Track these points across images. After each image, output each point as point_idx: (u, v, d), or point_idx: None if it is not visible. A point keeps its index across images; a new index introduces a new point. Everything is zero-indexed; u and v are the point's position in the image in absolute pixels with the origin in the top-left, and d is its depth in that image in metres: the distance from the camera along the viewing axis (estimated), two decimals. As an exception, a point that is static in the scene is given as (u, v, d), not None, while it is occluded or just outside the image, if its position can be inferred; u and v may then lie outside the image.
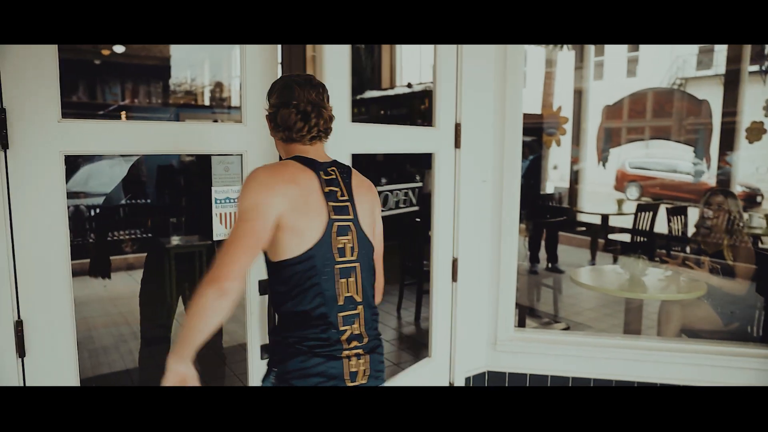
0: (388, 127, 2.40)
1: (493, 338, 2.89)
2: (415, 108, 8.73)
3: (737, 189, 7.46)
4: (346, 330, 1.46)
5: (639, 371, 2.81)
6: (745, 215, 5.86)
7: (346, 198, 1.49)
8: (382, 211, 2.32)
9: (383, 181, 5.04)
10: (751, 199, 12.07)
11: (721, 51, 13.38)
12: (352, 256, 1.47)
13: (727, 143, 6.86)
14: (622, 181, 14.39)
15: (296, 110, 1.47)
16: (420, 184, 2.61)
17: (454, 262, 2.70)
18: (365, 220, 1.53)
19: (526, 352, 2.88)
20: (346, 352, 1.45)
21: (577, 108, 7.55)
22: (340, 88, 2.06)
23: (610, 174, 14.40)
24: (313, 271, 1.41)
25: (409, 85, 9.66)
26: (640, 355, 2.82)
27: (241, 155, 2.00)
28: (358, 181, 1.58)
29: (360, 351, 1.48)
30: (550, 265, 5.48)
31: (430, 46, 2.68)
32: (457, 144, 2.62)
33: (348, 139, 2.11)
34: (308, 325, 1.43)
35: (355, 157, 2.14)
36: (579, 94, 7.68)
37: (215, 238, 2.00)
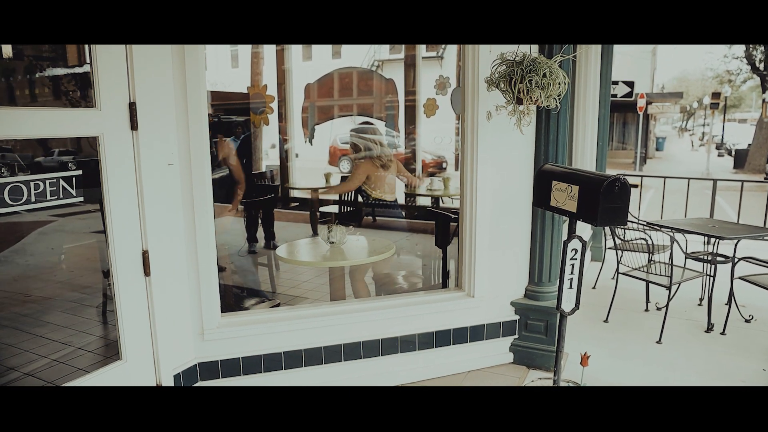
0: (5, 109, 2.03)
1: (200, 328, 2.76)
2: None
3: (427, 157, 8.61)
4: None
5: (342, 335, 3.01)
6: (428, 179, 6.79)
7: None
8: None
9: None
10: (439, 166, 14.13)
11: (406, 36, 15.04)
12: None
13: (411, 118, 7.82)
14: (335, 156, 15.40)
15: None
16: (79, 172, 2.29)
17: (145, 254, 2.47)
18: None
19: (236, 336, 2.83)
20: None
21: (284, 87, 7.70)
22: None
23: (324, 150, 15.25)
24: None
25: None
26: (342, 319, 3.01)
27: None
28: None
29: None
30: (266, 243, 5.52)
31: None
32: (134, 126, 2.36)
33: None
34: None
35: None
36: (286, 73, 7.83)
37: None
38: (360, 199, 6.20)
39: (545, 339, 3.23)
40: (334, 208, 6.20)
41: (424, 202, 7.05)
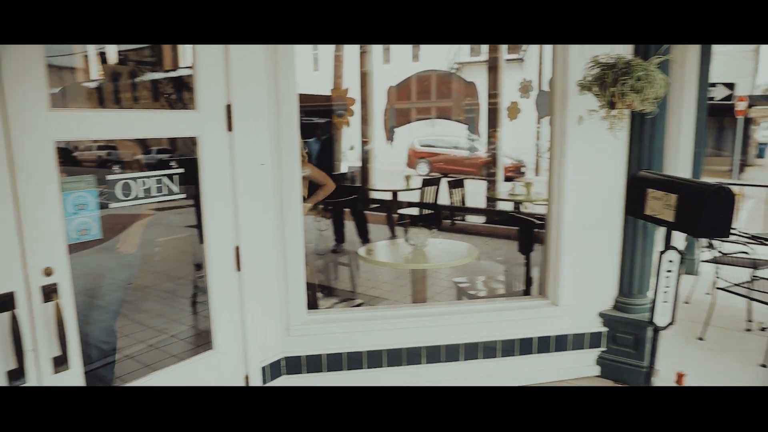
0: (118, 112, 2.18)
1: (286, 324, 2.85)
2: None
3: (506, 162, 8.48)
4: None
5: (424, 337, 3.01)
6: (510, 184, 6.66)
7: None
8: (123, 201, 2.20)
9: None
10: (517, 170, 13.85)
11: (488, 38, 14.87)
12: None
13: (493, 121, 7.72)
14: (413, 159, 15.45)
15: None
16: (181, 170, 2.42)
17: (237, 250, 2.58)
18: None
19: (320, 333, 2.90)
20: None
21: (365, 90, 7.83)
22: (33, 76, 1.81)
23: (402, 153, 15.35)
24: None
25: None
26: (425, 321, 3.02)
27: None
28: None
29: None
30: (337, 244, 5.60)
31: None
32: (229, 127, 2.48)
33: (50, 127, 1.87)
34: None
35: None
36: (367, 76, 7.96)
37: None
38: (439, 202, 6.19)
39: (634, 353, 3.09)
40: (412, 211, 6.22)
41: (505, 206, 6.95)
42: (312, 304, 3.32)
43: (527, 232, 3.82)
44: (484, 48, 16.95)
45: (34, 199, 1.84)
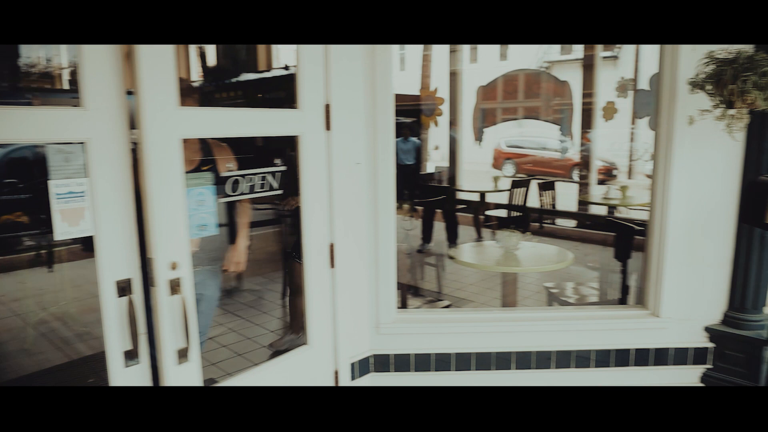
0: (231, 110, 2.26)
1: (376, 322, 2.88)
2: (293, 90, 8.50)
3: (596, 164, 8.14)
4: None
5: (515, 342, 2.94)
6: (603, 187, 6.38)
7: None
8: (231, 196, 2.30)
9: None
10: (608, 173, 13.25)
11: (580, 36, 14.37)
12: None
13: (587, 122, 7.41)
14: (499, 159, 15.16)
15: None
16: (283, 168, 2.50)
17: (331, 247, 2.63)
18: None
19: (409, 332, 2.90)
20: None
21: (453, 89, 7.76)
22: (165, 74, 1.90)
23: (487, 153, 15.11)
24: None
25: (286, 67, 9.41)
26: (516, 326, 2.95)
27: (83, 143, 1.78)
28: None
29: None
30: (424, 244, 5.59)
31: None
32: (328, 126, 2.54)
33: (177, 124, 1.96)
34: None
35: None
36: (455, 76, 7.90)
37: (58, 237, 1.78)
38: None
39: (746, 374, 2.86)
40: (500, 212, 6.10)
41: (597, 210, 6.66)
42: (400, 303, 3.34)
43: (625, 238, 3.64)
44: (577, 45, 16.36)
45: (162, 194, 1.94)
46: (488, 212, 6.23)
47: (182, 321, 2.01)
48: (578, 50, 16.59)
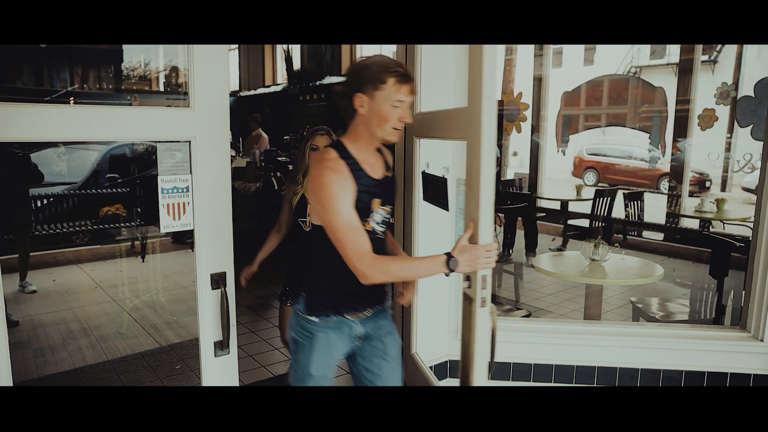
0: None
1: (455, 326, 2.86)
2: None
3: (689, 174, 7.70)
4: None
5: (598, 356, 2.84)
6: (695, 199, 6.02)
7: None
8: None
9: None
10: (700, 184, 12.48)
11: (674, 39, 13.69)
12: None
13: (681, 130, 7.02)
14: (580, 168, 14.66)
15: None
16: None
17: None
18: None
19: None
20: None
21: (537, 95, 7.59)
22: None
23: (568, 160, 14.66)
24: None
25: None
26: (599, 340, 2.84)
27: (189, 142, 1.89)
28: None
29: None
30: (505, 251, 5.49)
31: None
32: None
33: None
34: None
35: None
36: (538, 81, 7.73)
37: (163, 230, 1.89)
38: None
39: None
40: (583, 222, 5.90)
41: (688, 224, 6.30)
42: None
43: (723, 254, 3.42)
44: (673, 49, 15.57)
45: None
46: (570, 222, 6.04)
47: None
48: (672, 54, 15.78)
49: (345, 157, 1.72)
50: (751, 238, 2.86)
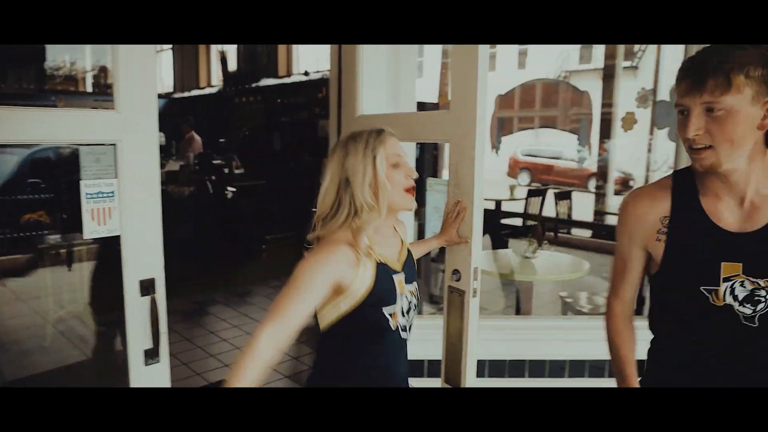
0: None
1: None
2: (313, 97, 8.59)
3: (614, 174, 8.13)
4: None
5: (529, 350, 2.94)
6: (620, 197, 6.35)
7: None
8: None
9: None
10: (625, 183, 13.15)
11: (599, 46, 14.33)
12: None
13: (606, 132, 7.39)
14: (515, 168, 15.14)
15: None
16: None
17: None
18: None
19: (419, 339, 2.91)
20: None
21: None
22: None
23: (503, 161, 15.09)
24: None
25: (306, 73, 9.49)
26: (530, 334, 2.95)
27: (114, 145, 1.83)
28: None
29: None
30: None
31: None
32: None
33: None
34: None
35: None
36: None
37: (86, 236, 1.83)
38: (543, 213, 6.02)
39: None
40: (516, 221, 6.10)
41: (615, 221, 6.61)
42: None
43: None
44: (597, 55, 16.29)
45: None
46: (504, 221, 6.23)
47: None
48: (598, 60, 16.52)
49: None
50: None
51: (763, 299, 1.21)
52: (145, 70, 1.85)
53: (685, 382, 1.35)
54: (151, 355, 2.02)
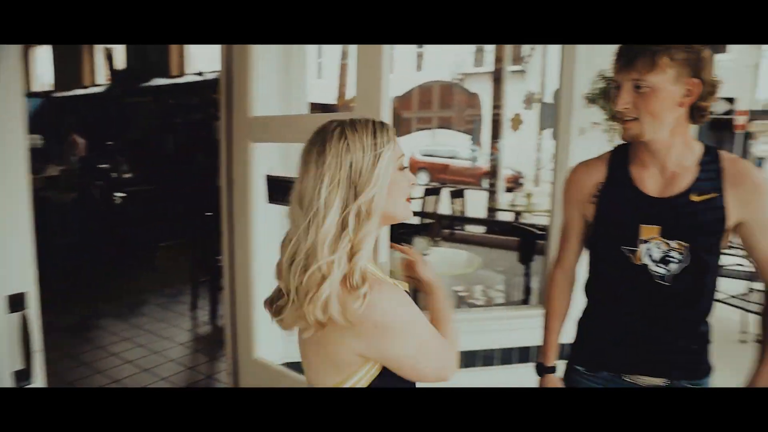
0: None
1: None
2: (207, 97, 8.29)
3: (503, 172, 8.59)
4: None
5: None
6: (510, 195, 6.71)
7: None
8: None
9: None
10: (515, 181, 13.92)
11: (491, 51, 15.03)
12: None
13: (496, 132, 7.76)
14: (414, 168, 15.51)
15: None
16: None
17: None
18: None
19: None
20: None
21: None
22: None
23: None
24: None
25: (200, 73, 9.15)
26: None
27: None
28: None
29: None
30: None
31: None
32: (241, 134, 2.52)
33: None
34: None
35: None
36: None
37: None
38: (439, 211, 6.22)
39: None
40: (413, 220, 6.25)
41: (505, 217, 6.99)
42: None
43: (528, 242, 3.86)
44: (489, 58, 17.06)
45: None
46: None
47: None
48: (489, 63, 17.30)
49: None
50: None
51: (674, 260, 1.35)
52: (9, 67, 1.71)
53: (608, 345, 1.49)
54: (23, 377, 1.87)
